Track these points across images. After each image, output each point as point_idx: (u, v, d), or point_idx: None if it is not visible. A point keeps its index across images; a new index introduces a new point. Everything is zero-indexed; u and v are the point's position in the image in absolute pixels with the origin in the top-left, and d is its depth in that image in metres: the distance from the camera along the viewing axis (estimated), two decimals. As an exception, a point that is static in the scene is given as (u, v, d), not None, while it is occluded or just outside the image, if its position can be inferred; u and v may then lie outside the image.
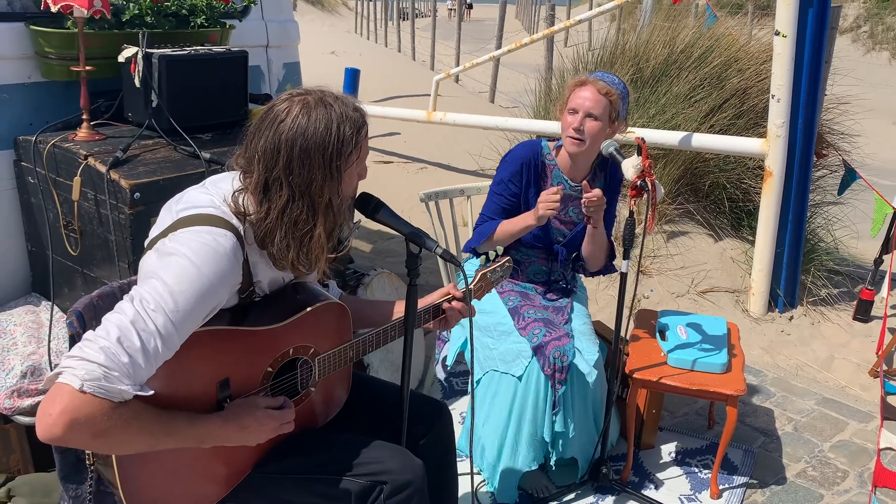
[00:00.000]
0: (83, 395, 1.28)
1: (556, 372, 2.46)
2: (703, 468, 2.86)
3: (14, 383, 2.23)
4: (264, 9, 3.22)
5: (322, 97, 1.55)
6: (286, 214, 1.53)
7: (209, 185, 1.63)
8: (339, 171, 1.55)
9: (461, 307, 1.92)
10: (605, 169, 2.68)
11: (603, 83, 2.45)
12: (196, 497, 1.62)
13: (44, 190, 2.40)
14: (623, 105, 2.49)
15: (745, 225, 4.79)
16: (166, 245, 1.48)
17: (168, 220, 1.56)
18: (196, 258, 1.44)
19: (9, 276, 2.58)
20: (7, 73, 2.42)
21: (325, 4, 28.13)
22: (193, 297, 1.41)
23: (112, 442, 1.36)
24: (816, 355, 3.88)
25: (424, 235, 1.73)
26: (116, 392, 1.31)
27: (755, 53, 5.03)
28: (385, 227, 1.76)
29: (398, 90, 9.40)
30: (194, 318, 1.43)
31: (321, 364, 1.74)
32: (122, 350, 1.32)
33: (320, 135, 1.51)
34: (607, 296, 4.19)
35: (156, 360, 1.37)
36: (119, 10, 2.52)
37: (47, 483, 2.22)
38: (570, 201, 2.65)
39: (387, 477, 1.68)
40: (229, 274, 1.50)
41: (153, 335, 1.36)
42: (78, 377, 1.28)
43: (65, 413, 1.27)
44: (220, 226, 1.51)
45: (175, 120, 2.44)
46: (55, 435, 1.28)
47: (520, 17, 31.79)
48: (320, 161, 1.52)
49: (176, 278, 1.41)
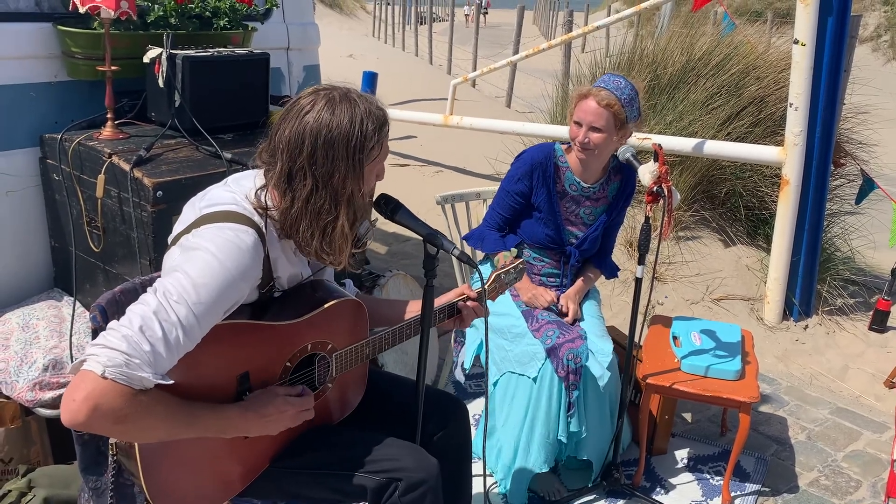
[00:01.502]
0: (105, 381, 1.31)
1: (570, 374, 2.47)
2: (715, 475, 2.86)
3: (36, 376, 2.27)
4: (286, 11, 3.26)
5: (347, 93, 1.59)
6: (310, 204, 1.57)
7: (231, 183, 1.67)
8: (360, 164, 1.58)
9: (476, 306, 1.95)
10: (620, 172, 2.70)
11: (606, 92, 2.42)
12: (215, 489, 1.65)
13: (68, 187, 2.45)
14: (630, 109, 2.46)
15: (761, 233, 4.78)
16: (190, 240, 1.52)
17: (192, 216, 1.59)
18: (219, 253, 1.48)
19: (32, 272, 2.63)
20: (34, 72, 2.47)
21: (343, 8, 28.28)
22: (216, 290, 1.45)
23: (133, 428, 1.39)
24: (831, 365, 3.87)
25: (442, 237, 1.75)
26: (137, 379, 1.34)
27: (773, 61, 5.02)
28: (400, 230, 1.79)
29: (415, 94, 9.44)
30: (216, 311, 1.47)
31: (338, 360, 1.77)
32: (144, 339, 1.35)
33: (344, 127, 1.54)
34: (621, 301, 4.19)
35: (177, 351, 1.40)
36: (144, 11, 2.57)
37: (66, 475, 2.25)
38: (582, 203, 2.67)
39: (402, 474, 1.70)
40: (250, 269, 1.53)
41: (175, 325, 1.39)
42: (100, 364, 1.32)
43: (88, 399, 1.30)
44: (242, 222, 1.54)
45: (197, 120, 2.47)
46: (79, 420, 1.31)
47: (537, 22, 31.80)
48: (343, 153, 1.55)
49: (199, 271, 1.45)
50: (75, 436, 1.72)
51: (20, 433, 2.37)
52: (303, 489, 1.75)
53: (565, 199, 2.66)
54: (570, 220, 2.69)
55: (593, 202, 2.68)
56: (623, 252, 4.47)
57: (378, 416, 1.95)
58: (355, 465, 1.71)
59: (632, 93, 2.46)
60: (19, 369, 2.29)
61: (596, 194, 2.67)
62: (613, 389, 2.63)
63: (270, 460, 1.73)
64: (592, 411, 2.57)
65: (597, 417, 2.59)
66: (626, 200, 2.76)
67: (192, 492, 1.61)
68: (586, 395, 2.54)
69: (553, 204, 2.64)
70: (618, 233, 2.81)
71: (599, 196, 2.68)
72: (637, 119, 2.52)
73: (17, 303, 2.56)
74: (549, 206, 2.64)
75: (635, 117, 2.50)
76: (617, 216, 2.77)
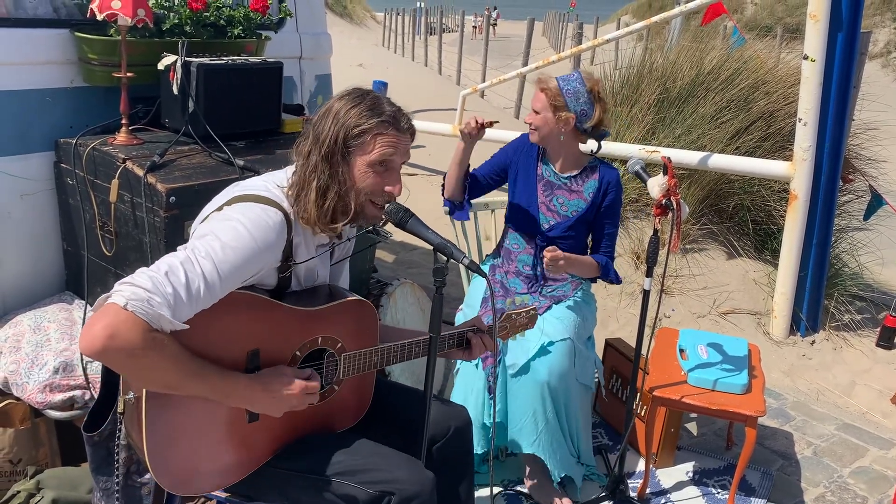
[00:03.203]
0: (125, 311, 1.38)
1: (489, 357, 2.56)
2: (721, 489, 2.85)
3: (46, 378, 2.29)
4: (299, 21, 3.29)
5: (381, 97, 1.72)
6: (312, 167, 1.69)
7: (266, 175, 1.80)
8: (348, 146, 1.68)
9: (486, 340, 1.98)
10: (596, 171, 2.75)
11: (551, 81, 2.64)
12: (210, 470, 1.66)
13: (82, 191, 2.47)
14: (571, 100, 2.60)
15: (768, 247, 4.78)
16: (220, 214, 1.63)
17: (223, 199, 1.70)
18: (249, 224, 1.58)
19: (44, 274, 2.65)
20: (51, 77, 2.50)
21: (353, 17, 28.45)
22: (241, 254, 1.54)
23: (144, 366, 1.44)
24: (838, 380, 3.86)
25: (452, 246, 1.76)
26: (156, 316, 1.41)
27: (783, 76, 5.03)
28: (407, 239, 1.83)
29: (424, 104, 9.47)
30: (238, 275, 1.55)
31: (346, 362, 1.79)
32: (168, 282, 1.44)
33: (353, 112, 1.68)
34: (628, 314, 4.20)
35: (196, 301, 1.47)
36: (160, 19, 2.60)
37: (74, 477, 2.27)
38: (555, 190, 2.76)
39: (394, 487, 1.70)
40: (275, 244, 1.63)
41: (198, 276, 1.47)
42: (124, 297, 1.39)
43: (107, 327, 1.37)
44: (270, 204, 1.65)
45: (211, 127, 2.50)
46: (95, 347, 1.38)
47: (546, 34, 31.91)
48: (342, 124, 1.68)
49: (228, 235, 1.55)
50: (86, 437, 1.73)
51: (29, 434, 2.39)
52: (296, 492, 1.76)
53: (542, 184, 2.78)
54: (548, 207, 2.77)
55: (567, 193, 2.75)
56: (630, 264, 4.48)
57: (381, 425, 1.96)
58: (350, 475, 1.72)
59: (579, 86, 2.61)
60: (30, 371, 2.31)
61: (569, 185, 2.75)
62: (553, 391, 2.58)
63: (272, 453, 1.75)
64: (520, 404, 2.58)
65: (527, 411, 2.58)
66: (613, 205, 2.76)
67: (187, 467, 1.62)
68: (510, 382, 2.58)
69: (530, 184, 2.79)
70: (614, 242, 2.82)
71: (574, 189, 2.75)
72: (584, 113, 2.63)
73: (28, 305, 2.58)
74: (526, 187, 2.79)
75: (580, 109, 2.62)
76: (603, 220, 2.77)
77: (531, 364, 2.56)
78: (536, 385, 2.55)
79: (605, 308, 4.23)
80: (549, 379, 2.54)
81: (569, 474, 2.68)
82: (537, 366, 2.55)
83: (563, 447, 2.65)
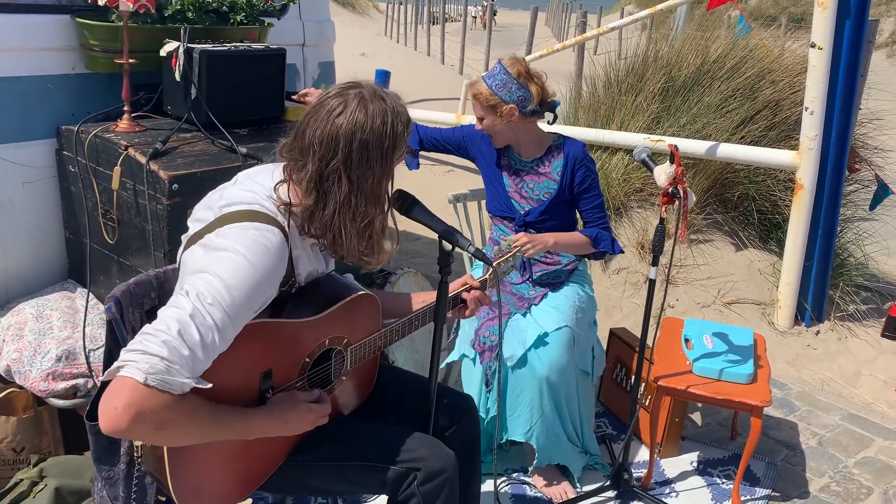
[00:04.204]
0: (147, 388, 1.30)
1: (486, 351, 2.59)
2: (725, 479, 2.84)
3: (49, 366, 2.28)
4: (302, 8, 3.26)
5: (375, 91, 1.59)
6: (347, 206, 1.57)
7: (246, 181, 1.66)
8: (392, 164, 1.61)
9: (480, 295, 1.97)
10: (561, 149, 2.73)
11: (479, 84, 2.62)
12: (236, 483, 1.65)
13: (84, 179, 2.46)
14: (504, 92, 2.57)
15: (774, 237, 4.75)
16: (214, 241, 1.51)
17: (210, 215, 1.59)
18: (248, 254, 1.47)
19: (46, 263, 2.64)
20: (52, 64, 2.48)
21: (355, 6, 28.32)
22: (248, 291, 1.45)
23: (172, 434, 1.39)
24: (843, 371, 3.85)
25: (458, 234, 1.75)
26: (178, 385, 1.33)
27: (789, 65, 4.99)
28: (410, 228, 1.81)
29: (427, 93, 9.44)
30: (248, 312, 1.47)
31: (353, 354, 1.78)
32: (184, 343, 1.35)
33: (377, 129, 1.55)
34: (632, 304, 4.18)
35: (213, 353, 1.40)
36: (162, 5, 2.57)
37: (78, 465, 2.26)
38: (523, 176, 2.76)
39: (420, 464, 1.70)
40: (278, 268, 1.54)
41: (211, 329, 1.38)
42: (142, 371, 1.30)
43: (130, 406, 1.29)
44: (266, 222, 1.54)
45: (213, 114, 2.48)
46: (121, 428, 1.30)
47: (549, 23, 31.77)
48: (378, 155, 1.57)
49: (230, 273, 1.44)
50: (88, 426, 1.72)
51: (32, 423, 2.38)
52: (321, 482, 1.75)
53: (509, 172, 2.78)
54: (520, 195, 2.76)
55: (535, 176, 2.74)
56: (634, 254, 4.46)
57: (390, 413, 1.96)
58: (373, 456, 1.72)
59: (504, 77, 2.58)
60: (33, 359, 2.30)
61: (536, 169, 2.74)
62: (550, 379, 2.55)
63: (290, 452, 1.74)
64: (511, 392, 2.57)
65: (518, 399, 2.57)
66: (586, 179, 2.71)
67: (212, 487, 1.61)
68: (510, 374, 2.57)
69: (496, 174, 2.80)
70: (603, 211, 2.77)
71: (541, 171, 2.73)
72: (522, 98, 2.59)
73: (31, 293, 2.57)
74: (493, 175, 2.81)
75: (516, 97, 2.59)
76: (582, 196, 2.73)
77: (528, 356, 2.55)
78: (535, 380, 2.55)
79: (609, 298, 4.22)
80: (549, 374, 2.54)
81: (563, 463, 2.67)
82: (535, 359, 2.55)
83: (559, 437, 2.64)
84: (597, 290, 3.00)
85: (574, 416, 2.68)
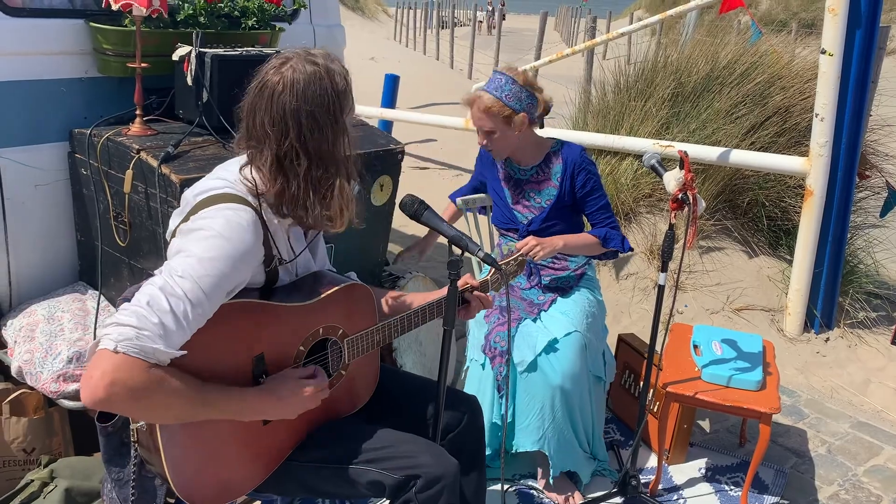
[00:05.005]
0: (118, 355, 1.34)
1: (498, 356, 2.57)
2: (734, 486, 2.83)
3: (60, 368, 2.30)
4: (313, 13, 3.28)
5: (307, 56, 1.59)
6: (309, 178, 1.59)
7: (219, 171, 1.70)
8: (343, 123, 1.62)
9: (482, 297, 1.98)
10: (559, 154, 2.72)
11: (487, 96, 2.56)
12: (236, 479, 1.66)
13: (96, 182, 2.48)
14: (517, 102, 2.56)
15: (783, 244, 4.74)
16: (189, 225, 1.55)
17: (186, 207, 1.63)
18: (222, 230, 1.51)
19: (58, 265, 2.66)
20: (66, 68, 2.50)
21: (365, 11, 28.42)
22: (220, 264, 1.48)
23: (151, 405, 1.40)
24: (852, 378, 3.83)
25: (468, 239, 1.75)
26: (150, 350, 1.36)
27: (799, 71, 4.97)
28: (418, 232, 1.80)
29: (435, 97, 9.45)
30: (222, 286, 1.49)
31: (350, 346, 1.78)
32: (152, 311, 1.38)
33: (319, 96, 1.57)
34: (641, 309, 4.17)
35: (186, 324, 1.42)
36: (174, 10, 2.59)
37: (88, 466, 2.27)
38: (524, 186, 2.76)
39: (419, 471, 1.70)
40: (252, 245, 1.56)
41: (181, 299, 1.41)
42: (112, 340, 1.35)
43: (104, 375, 1.33)
44: (237, 202, 1.57)
45: (224, 118, 2.49)
46: (98, 397, 1.33)
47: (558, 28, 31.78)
48: (327, 120, 1.58)
49: (202, 248, 1.48)
50: (99, 427, 1.73)
51: (43, 423, 2.40)
52: (322, 484, 1.76)
53: (510, 184, 2.79)
54: (523, 205, 2.77)
55: (535, 185, 2.74)
56: (643, 259, 4.45)
57: (396, 416, 1.96)
58: (373, 460, 1.72)
59: (513, 86, 2.56)
60: (44, 360, 2.32)
61: (536, 177, 2.73)
62: (563, 387, 2.55)
63: (291, 450, 1.74)
64: (522, 400, 2.57)
65: (530, 408, 2.57)
66: (588, 182, 2.69)
67: (214, 481, 1.62)
68: (520, 380, 2.56)
69: (497, 189, 2.82)
70: (610, 211, 2.75)
71: (541, 179, 2.73)
72: (531, 105, 2.59)
73: (42, 295, 2.59)
74: (496, 192, 2.84)
75: (526, 105, 2.58)
76: (586, 199, 2.71)
77: (539, 361, 2.55)
78: (548, 387, 2.54)
79: (618, 303, 4.21)
80: (563, 382, 2.54)
81: (574, 470, 2.67)
82: (547, 365, 2.54)
83: (570, 443, 2.64)
84: (605, 296, 3.00)
85: (586, 421, 2.68)
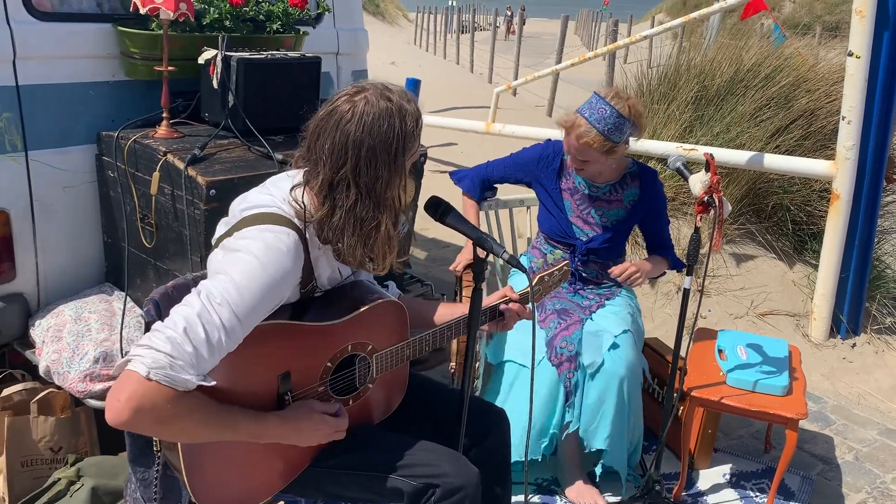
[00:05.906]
0: (149, 382, 1.33)
1: (565, 362, 2.51)
2: (759, 492, 2.80)
3: (87, 368, 2.32)
4: (336, 17, 3.30)
5: (382, 91, 1.59)
6: (353, 213, 1.58)
7: (269, 186, 1.69)
8: (403, 166, 1.60)
9: (519, 309, 1.94)
10: (638, 178, 2.70)
11: (587, 127, 2.46)
12: (255, 486, 1.67)
13: (123, 184, 2.50)
14: (618, 134, 2.47)
15: (809, 248, 4.69)
16: (231, 243, 1.55)
17: (232, 220, 1.63)
18: (261, 255, 1.50)
19: (85, 266, 2.69)
20: (94, 71, 2.53)
21: (385, 16, 28.53)
22: (258, 293, 1.47)
23: (174, 429, 1.42)
24: (879, 384, 3.77)
25: (492, 240, 1.75)
26: (181, 381, 1.36)
27: (825, 74, 4.93)
28: (440, 235, 1.80)
29: (456, 101, 9.46)
30: (258, 313, 1.49)
31: (378, 361, 1.77)
32: (188, 340, 1.37)
33: (385, 133, 1.55)
34: (664, 314, 4.14)
35: (219, 352, 1.42)
36: (200, 14, 2.62)
37: (114, 465, 2.30)
38: (591, 202, 2.71)
39: (440, 480, 1.69)
40: (291, 271, 1.56)
41: (218, 328, 1.41)
42: (145, 365, 1.34)
43: (131, 399, 1.33)
44: (282, 224, 1.57)
45: (250, 121, 2.51)
46: (122, 420, 1.34)
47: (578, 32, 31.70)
48: (386, 159, 1.57)
49: (241, 274, 1.47)
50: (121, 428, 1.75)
51: (69, 423, 2.42)
52: (342, 489, 1.76)
53: (575, 197, 2.72)
54: (583, 219, 2.72)
55: (605, 203, 2.69)
56: (666, 264, 4.42)
57: (420, 423, 1.95)
58: (394, 467, 1.71)
59: (617, 120, 2.46)
60: (71, 360, 2.34)
61: (608, 196, 2.69)
62: (627, 382, 2.53)
63: (312, 459, 1.74)
64: (593, 400, 2.53)
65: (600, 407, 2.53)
66: (658, 203, 2.73)
67: (233, 488, 1.62)
68: (586, 383, 2.52)
69: (556, 199, 2.73)
70: (668, 232, 2.80)
71: (613, 199, 2.69)
72: (625, 141, 2.54)
73: (70, 296, 2.62)
74: (553, 201, 2.73)
75: (627, 137, 2.53)
76: (655, 219, 2.75)
77: (605, 360, 2.51)
78: (615, 379, 2.50)
79: (641, 308, 4.18)
80: (626, 374, 2.51)
81: (618, 469, 2.63)
82: (610, 361, 2.51)
83: (622, 441, 2.61)
84: (629, 300, 2.99)
85: (633, 417, 2.65)
